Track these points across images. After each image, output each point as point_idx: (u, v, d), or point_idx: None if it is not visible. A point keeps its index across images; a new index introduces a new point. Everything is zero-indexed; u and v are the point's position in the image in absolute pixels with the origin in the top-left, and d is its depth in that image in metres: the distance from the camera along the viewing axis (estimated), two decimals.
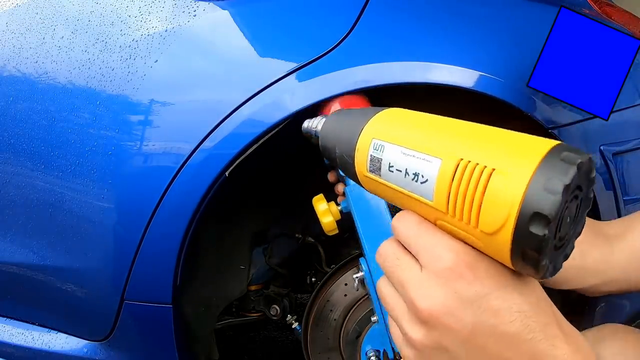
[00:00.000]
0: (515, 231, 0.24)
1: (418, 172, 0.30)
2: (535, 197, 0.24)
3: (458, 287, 0.28)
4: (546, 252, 0.24)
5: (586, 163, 0.25)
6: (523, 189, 0.24)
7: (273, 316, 0.99)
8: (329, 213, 0.67)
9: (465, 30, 0.67)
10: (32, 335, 0.90)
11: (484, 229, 0.26)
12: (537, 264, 0.24)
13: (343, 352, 0.83)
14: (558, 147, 0.25)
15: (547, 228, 0.23)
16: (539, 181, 0.24)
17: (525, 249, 0.24)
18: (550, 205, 0.23)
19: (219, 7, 0.70)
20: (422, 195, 0.30)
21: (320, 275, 1.01)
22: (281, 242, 1.00)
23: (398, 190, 0.32)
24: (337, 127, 0.40)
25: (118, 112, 0.70)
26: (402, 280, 0.32)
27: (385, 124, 0.36)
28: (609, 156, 0.70)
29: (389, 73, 0.63)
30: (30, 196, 0.79)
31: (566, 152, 0.24)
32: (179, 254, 0.69)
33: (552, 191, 0.23)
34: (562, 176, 0.23)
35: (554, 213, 0.23)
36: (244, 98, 0.65)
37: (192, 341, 0.85)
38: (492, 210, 0.25)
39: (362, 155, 0.36)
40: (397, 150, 0.32)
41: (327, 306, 0.82)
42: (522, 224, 0.24)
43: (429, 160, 0.29)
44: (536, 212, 0.23)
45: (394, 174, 0.32)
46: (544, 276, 0.25)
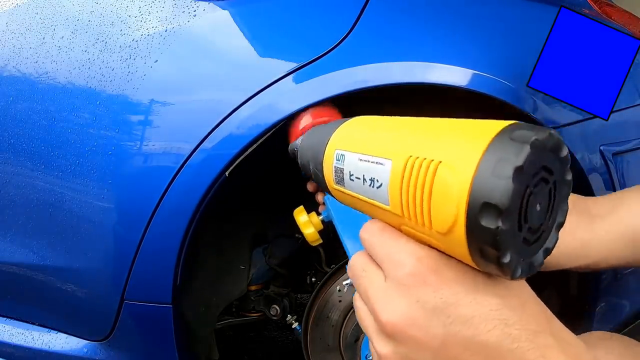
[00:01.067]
0: (467, 227, 0.22)
1: (373, 177, 0.29)
2: (483, 185, 0.21)
3: (421, 295, 0.25)
4: (506, 247, 0.21)
5: (546, 139, 0.21)
6: (469, 178, 0.21)
7: (273, 316, 0.99)
8: (310, 224, 0.67)
9: (465, 30, 0.67)
10: (32, 335, 0.90)
11: (438, 229, 0.24)
12: (500, 262, 0.21)
13: (343, 353, 0.83)
14: (510, 127, 0.22)
15: (500, 219, 0.20)
16: (486, 167, 0.21)
17: (482, 246, 0.22)
18: (501, 191, 0.20)
19: (219, 7, 0.70)
20: (380, 201, 0.29)
21: (320, 275, 1.01)
22: (281, 242, 1.00)
23: (361, 199, 0.31)
24: (309, 144, 0.40)
25: (118, 112, 0.70)
26: (367, 292, 0.29)
27: (346, 133, 0.35)
28: (609, 156, 0.70)
29: (388, 73, 0.63)
30: (30, 196, 0.79)
31: (519, 131, 0.21)
32: (179, 253, 0.69)
33: (500, 176, 0.20)
34: (513, 157, 0.20)
35: (505, 201, 0.20)
36: (244, 98, 0.65)
37: (192, 341, 0.85)
38: (441, 207, 0.23)
39: (328, 167, 0.35)
40: (355, 157, 0.31)
41: (326, 306, 0.82)
42: (473, 218, 0.21)
43: (382, 163, 0.28)
44: (485, 202, 0.20)
45: (355, 182, 0.31)
46: (514, 276, 0.22)
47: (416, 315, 0.26)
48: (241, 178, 0.68)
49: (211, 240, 0.87)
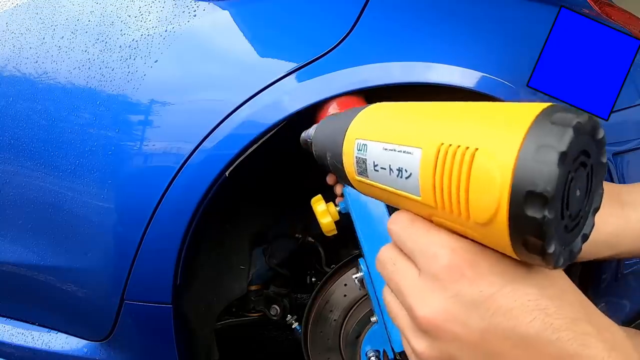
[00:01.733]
0: (510, 217, 0.21)
1: (401, 167, 0.27)
2: (527, 172, 0.19)
3: (459, 289, 0.25)
4: (552, 236, 0.20)
5: (586, 123, 0.20)
6: (511, 165, 0.20)
7: (273, 316, 0.99)
8: (328, 214, 0.67)
9: (465, 30, 0.67)
10: (32, 335, 0.90)
11: (476, 220, 0.23)
12: (544, 252, 0.20)
13: (343, 352, 0.83)
14: (549, 110, 0.21)
15: (547, 208, 0.19)
16: (528, 153, 0.20)
17: (526, 237, 0.21)
18: (546, 179, 0.19)
19: (219, 7, 0.70)
20: (409, 192, 0.27)
21: (320, 275, 1.01)
22: (281, 242, 1.00)
23: (388, 190, 0.30)
24: (325, 134, 0.38)
25: (118, 112, 0.70)
26: (400, 287, 0.29)
27: (366, 121, 0.33)
28: (609, 156, 0.70)
29: (388, 73, 0.63)
30: (30, 196, 0.79)
31: (559, 114, 0.20)
32: (179, 254, 0.69)
33: (545, 162, 0.19)
34: (556, 142, 0.19)
35: (551, 189, 0.19)
36: (244, 98, 0.65)
37: (192, 341, 0.85)
38: (480, 197, 0.22)
39: (349, 158, 0.33)
40: (379, 146, 0.29)
41: (327, 306, 0.82)
42: (517, 208, 0.20)
43: (410, 152, 0.26)
44: (529, 190, 0.19)
45: (380, 173, 0.30)
46: (557, 265, 0.21)
47: (454, 309, 0.25)
48: (241, 178, 0.68)
49: (211, 241, 0.87)
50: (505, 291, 0.24)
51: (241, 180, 0.70)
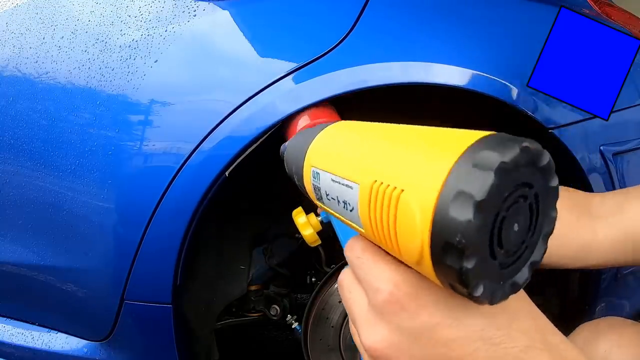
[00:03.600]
0: (433, 263, 0.20)
1: (346, 200, 0.27)
2: (444, 221, 0.19)
3: (399, 322, 0.25)
4: (477, 282, 0.19)
5: (516, 158, 0.18)
6: (430, 212, 0.19)
7: (273, 316, 0.99)
8: (309, 226, 0.67)
9: (465, 30, 0.67)
10: (32, 335, 0.90)
11: (407, 259, 0.22)
12: (472, 297, 0.20)
13: (343, 353, 0.83)
14: (478, 144, 0.19)
15: (464, 259, 0.18)
16: (446, 201, 0.19)
17: (451, 283, 0.20)
18: (462, 230, 0.18)
19: (219, 7, 0.70)
20: (355, 224, 0.27)
21: (320, 275, 1.01)
22: (281, 242, 1.00)
23: (341, 218, 0.30)
24: (291, 155, 0.38)
25: (118, 112, 0.70)
26: (353, 315, 0.30)
27: (320, 148, 0.33)
28: (609, 156, 0.70)
29: (388, 73, 0.63)
30: (30, 196, 0.79)
31: (484, 152, 0.18)
32: (179, 253, 0.69)
33: (461, 213, 0.18)
34: (474, 190, 0.18)
35: (467, 240, 0.18)
36: (244, 98, 0.65)
37: (192, 341, 0.85)
38: (406, 239, 0.21)
39: (308, 185, 0.34)
40: (328, 177, 0.29)
41: (327, 307, 0.82)
42: (437, 257, 0.20)
43: (350, 186, 0.26)
44: (446, 241, 0.19)
45: (331, 202, 0.30)
46: (492, 302, 0.21)
47: (397, 340, 0.26)
48: (241, 178, 0.68)
49: (211, 240, 0.87)
50: (447, 322, 0.24)
51: (241, 180, 0.70)
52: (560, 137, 0.66)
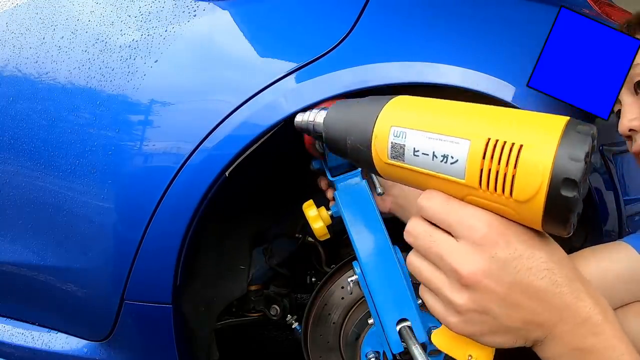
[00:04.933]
0: (548, 196, 0.28)
1: (447, 154, 0.32)
2: (563, 165, 0.28)
3: (495, 252, 0.32)
4: (576, 210, 0.28)
5: (595, 133, 0.29)
6: (551, 159, 0.28)
7: (273, 316, 0.99)
8: (319, 218, 0.67)
9: (465, 30, 0.67)
10: (32, 335, 0.90)
11: (518, 198, 0.30)
12: (567, 222, 0.29)
13: (343, 353, 0.83)
14: (572, 122, 0.30)
15: (576, 190, 0.27)
16: (564, 151, 0.28)
17: (557, 211, 0.28)
18: (577, 170, 0.27)
19: (219, 7, 0.70)
20: (452, 175, 0.33)
21: (320, 275, 1.01)
22: (281, 242, 1.00)
23: (424, 173, 0.35)
24: (345, 118, 0.41)
25: (118, 112, 0.70)
26: (441, 253, 0.34)
27: (402, 110, 0.37)
28: (609, 156, 0.70)
29: (388, 73, 0.63)
30: (30, 196, 0.79)
31: (580, 126, 0.29)
32: (179, 253, 0.69)
33: (577, 159, 0.27)
34: (583, 145, 0.28)
35: (580, 177, 0.27)
36: (244, 98, 0.65)
37: (192, 341, 0.85)
38: (525, 181, 0.29)
39: (382, 143, 0.37)
40: (422, 135, 0.34)
41: (327, 306, 0.82)
42: (554, 189, 0.28)
43: (457, 142, 0.32)
44: (566, 177, 0.27)
45: (420, 158, 0.34)
46: (570, 232, 0.30)
47: (492, 267, 0.32)
48: (241, 178, 0.68)
49: (211, 240, 0.87)
50: (526, 254, 0.32)
51: (241, 180, 0.70)
52: None
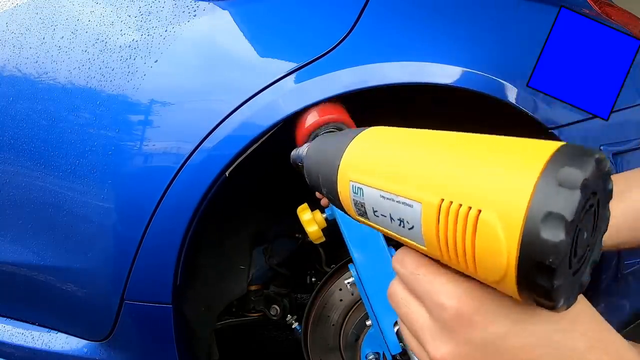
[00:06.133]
0: (518, 282, 0.20)
1: (402, 218, 0.26)
2: (535, 242, 0.19)
3: (469, 335, 0.26)
4: (561, 295, 0.20)
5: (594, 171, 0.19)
6: (518, 233, 0.19)
7: (273, 316, 0.99)
8: (314, 222, 0.67)
9: (465, 30, 0.67)
10: (32, 335, 0.90)
11: (484, 279, 0.23)
12: (555, 308, 0.20)
13: (343, 353, 0.83)
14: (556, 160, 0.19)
15: (555, 277, 0.19)
16: (535, 221, 0.19)
17: (536, 298, 0.21)
18: (555, 251, 0.18)
19: (219, 7, 0.70)
20: (414, 241, 0.27)
21: (320, 275, 1.01)
22: (281, 242, 1.00)
23: (392, 235, 0.29)
24: (317, 164, 0.36)
25: (118, 112, 0.70)
26: (415, 329, 0.30)
27: (360, 158, 0.31)
28: (609, 156, 0.70)
29: (388, 73, 0.63)
30: (30, 196, 0.79)
31: (566, 170, 0.19)
32: (179, 254, 0.69)
33: (553, 233, 0.18)
34: (564, 210, 0.18)
35: (559, 260, 0.18)
36: (244, 98, 0.65)
37: (192, 341, 0.85)
38: (487, 260, 0.21)
39: (346, 199, 0.32)
40: (376, 194, 0.28)
41: (327, 306, 0.82)
42: (525, 276, 0.20)
43: (409, 205, 0.25)
44: (538, 262, 0.19)
45: (381, 219, 0.29)
46: (568, 307, 0.22)
47: (467, 352, 0.26)
48: (241, 178, 0.68)
49: (211, 240, 0.87)
50: (514, 331, 0.25)
51: (241, 180, 0.70)
52: (560, 137, 0.66)
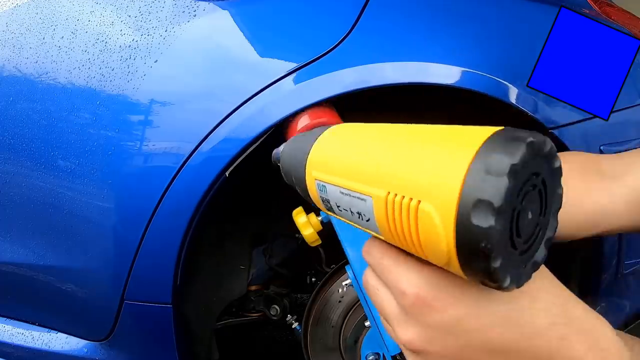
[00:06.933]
0: (461, 266, 0.21)
1: (360, 212, 0.28)
2: (467, 229, 0.19)
3: (429, 319, 0.27)
4: (505, 275, 0.20)
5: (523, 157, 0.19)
6: (452, 220, 0.20)
7: (273, 316, 0.99)
8: (309, 225, 0.67)
9: (465, 30, 0.67)
10: (32, 335, 0.90)
11: (434, 262, 0.24)
12: (501, 287, 0.21)
13: (343, 354, 0.83)
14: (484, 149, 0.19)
15: (492, 259, 0.19)
16: (466, 209, 0.19)
17: (482, 280, 0.21)
18: (487, 235, 0.19)
19: (219, 7, 0.70)
20: (374, 231, 0.28)
21: (320, 276, 1.01)
22: (281, 242, 1.00)
23: (357, 226, 0.30)
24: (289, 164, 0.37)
25: (118, 112, 0.70)
26: (385, 315, 0.31)
27: (322, 157, 0.32)
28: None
29: (388, 73, 0.63)
30: (30, 196, 0.79)
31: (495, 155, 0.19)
32: (179, 254, 0.69)
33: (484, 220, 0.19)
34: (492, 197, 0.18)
35: (492, 243, 0.19)
36: (244, 98, 0.65)
37: (192, 341, 0.85)
38: (431, 247, 0.22)
39: (315, 196, 0.33)
40: (336, 190, 0.30)
41: (327, 307, 0.82)
42: (465, 261, 0.21)
43: (363, 199, 0.27)
44: (472, 247, 0.19)
45: (344, 213, 0.30)
46: (518, 286, 0.22)
47: (429, 335, 0.27)
48: (241, 178, 0.68)
49: (211, 240, 0.87)
50: (472, 313, 0.26)
51: (241, 180, 0.70)
52: (560, 137, 0.66)
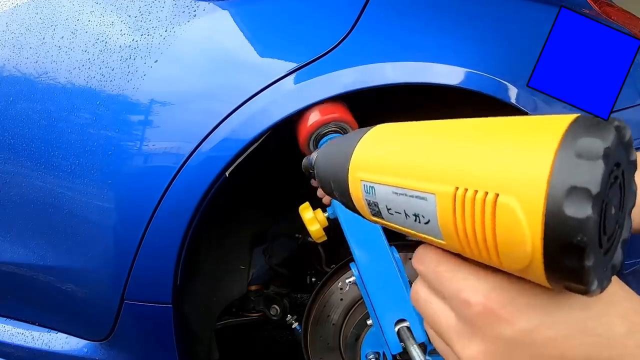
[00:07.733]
0: (546, 268, 0.19)
1: (417, 213, 0.25)
2: (559, 222, 0.17)
3: (498, 331, 0.24)
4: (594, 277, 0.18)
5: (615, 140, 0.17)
6: (540, 214, 0.18)
7: (273, 316, 0.99)
8: (316, 221, 0.67)
9: (465, 30, 0.67)
10: (32, 335, 0.90)
11: (509, 268, 0.21)
12: (588, 292, 0.19)
13: (343, 353, 0.83)
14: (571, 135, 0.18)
15: (585, 256, 0.17)
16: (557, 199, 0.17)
17: (567, 283, 0.19)
18: (583, 227, 0.17)
19: (219, 7, 0.70)
20: (432, 236, 0.25)
21: (320, 276, 1.01)
22: (281, 242, 1.00)
23: (409, 232, 0.27)
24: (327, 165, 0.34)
25: (118, 112, 0.70)
26: (441, 330, 0.28)
27: (368, 157, 0.30)
28: None
29: (388, 73, 0.63)
30: (30, 196, 0.79)
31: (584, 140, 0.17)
32: (179, 254, 0.69)
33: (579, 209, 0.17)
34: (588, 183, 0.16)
35: (588, 237, 0.17)
36: (244, 98, 0.65)
37: (192, 341, 0.85)
38: (510, 248, 0.19)
39: (359, 201, 0.30)
40: (388, 190, 0.27)
41: (327, 306, 0.82)
42: (553, 260, 0.18)
43: (423, 197, 0.24)
44: (565, 242, 0.17)
45: (395, 217, 0.27)
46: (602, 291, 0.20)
47: (497, 350, 0.25)
48: (241, 178, 0.68)
49: (211, 241, 0.87)
50: (546, 323, 0.23)
51: (241, 180, 0.70)
52: None
